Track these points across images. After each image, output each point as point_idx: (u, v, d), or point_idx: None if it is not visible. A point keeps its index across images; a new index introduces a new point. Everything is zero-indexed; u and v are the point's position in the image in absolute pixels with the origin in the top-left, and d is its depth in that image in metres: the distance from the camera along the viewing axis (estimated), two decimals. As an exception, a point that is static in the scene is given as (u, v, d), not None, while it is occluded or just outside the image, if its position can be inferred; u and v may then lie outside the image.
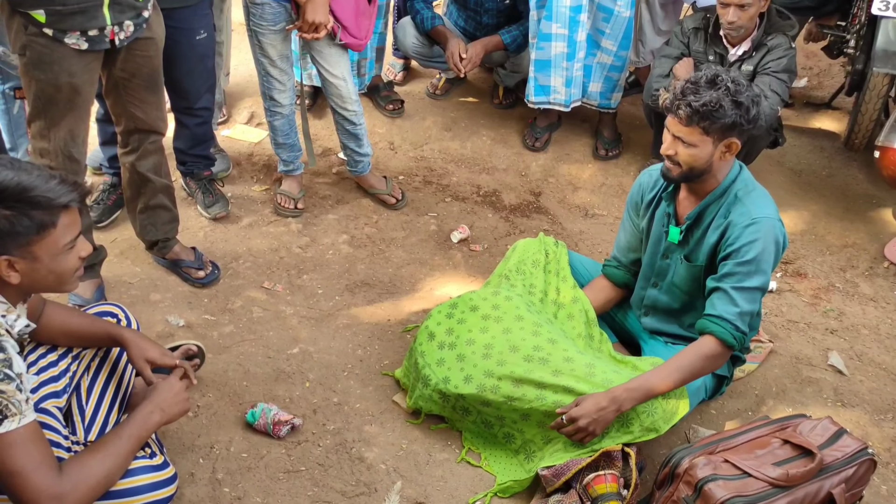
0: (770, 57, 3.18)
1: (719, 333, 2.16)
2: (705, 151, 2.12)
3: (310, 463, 2.29)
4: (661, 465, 2.11)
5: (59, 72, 2.26)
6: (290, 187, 3.31)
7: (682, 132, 2.12)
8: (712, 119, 2.07)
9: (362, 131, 3.27)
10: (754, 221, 2.15)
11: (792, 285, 3.19)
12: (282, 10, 2.87)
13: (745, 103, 2.07)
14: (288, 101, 3.11)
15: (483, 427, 2.34)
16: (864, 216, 3.60)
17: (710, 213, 2.25)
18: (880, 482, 2.40)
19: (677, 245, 2.33)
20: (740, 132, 2.12)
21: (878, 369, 2.83)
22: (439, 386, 2.29)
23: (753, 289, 2.17)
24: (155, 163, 2.67)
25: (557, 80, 3.60)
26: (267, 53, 2.97)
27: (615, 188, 3.70)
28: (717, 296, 2.19)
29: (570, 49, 3.52)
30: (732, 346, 2.17)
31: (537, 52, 3.56)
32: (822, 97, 4.44)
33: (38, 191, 1.62)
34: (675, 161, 2.17)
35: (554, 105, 3.69)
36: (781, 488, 1.93)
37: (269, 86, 3.06)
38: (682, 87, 2.10)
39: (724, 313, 2.16)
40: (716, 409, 2.60)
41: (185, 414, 1.99)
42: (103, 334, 2.02)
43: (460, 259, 3.19)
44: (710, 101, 2.05)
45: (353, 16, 2.94)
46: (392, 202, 3.40)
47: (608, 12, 3.48)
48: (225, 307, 2.82)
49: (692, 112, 2.07)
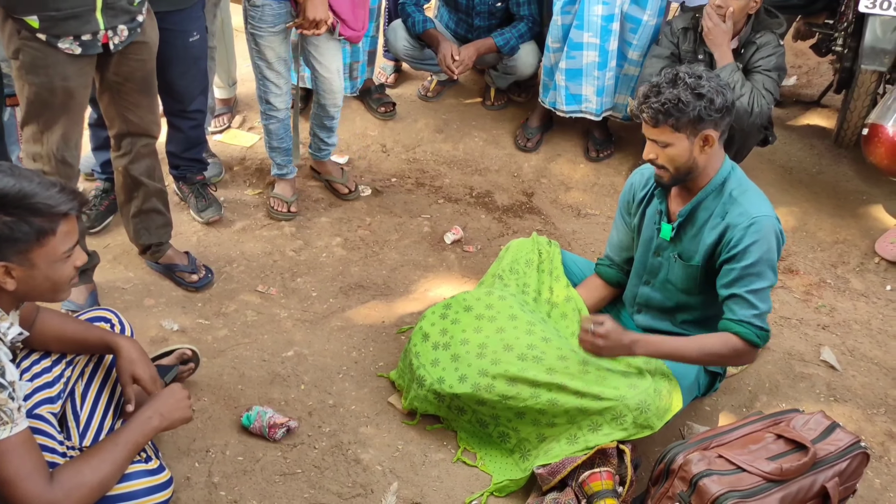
0: (759, 55, 3.19)
1: (744, 335, 2.18)
2: (682, 148, 2.14)
3: (306, 465, 2.29)
4: (656, 462, 2.12)
5: (53, 76, 2.26)
6: (283, 190, 3.31)
7: (653, 134, 2.15)
8: (676, 115, 2.09)
9: (336, 125, 3.35)
10: (754, 221, 2.16)
11: (784, 282, 3.21)
12: (282, 11, 2.89)
13: (708, 94, 2.09)
14: (284, 106, 3.12)
15: (478, 426, 2.35)
16: (854, 212, 3.63)
17: (705, 210, 2.26)
18: (873, 475, 2.41)
19: (669, 242, 2.34)
20: (714, 123, 2.13)
21: (870, 364, 2.84)
22: (434, 386, 2.29)
23: (766, 288, 2.20)
24: (148, 166, 2.67)
25: (589, 88, 3.60)
26: (264, 56, 2.98)
27: (607, 188, 3.71)
28: (734, 301, 2.21)
29: (601, 58, 3.52)
30: (758, 345, 2.20)
31: (567, 62, 3.56)
32: (812, 95, 4.47)
33: (39, 198, 1.62)
34: (660, 165, 2.19)
35: (586, 114, 3.69)
36: (775, 482, 1.95)
37: (266, 89, 3.07)
38: (645, 90, 2.13)
39: (744, 317, 2.19)
40: (710, 406, 2.61)
41: (185, 422, 1.99)
42: (97, 341, 2.02)
43: (454, 260, 3.19)
44: (670, 98, 2.08)
45: (350, 8, 2.98)
46: (344, 192, 3.44)
47: (636, 22, 3.47)
48: (219, 311, 2.82)
49: (655, 112, 2.10)
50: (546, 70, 3.73)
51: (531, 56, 3.79)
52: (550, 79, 3.70)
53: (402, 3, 3.75)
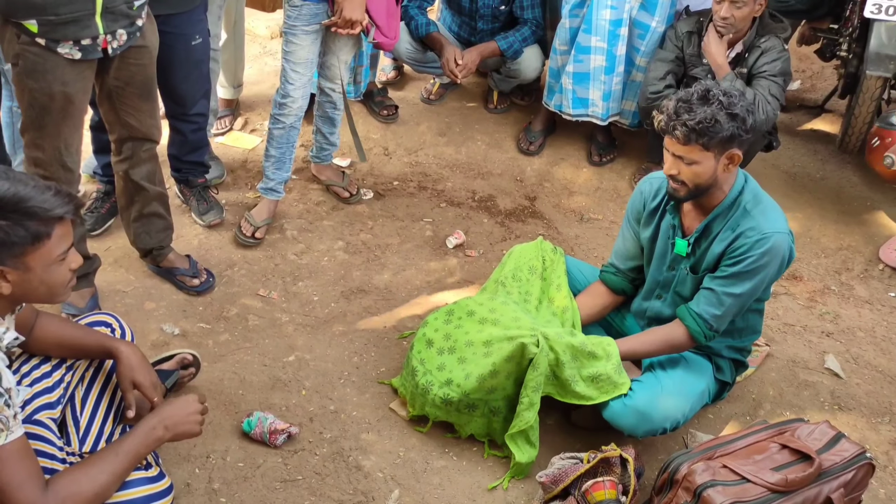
0: (764, 59, 3.18)
1: (692, 329, 2.26)
2: (708, 167, 2.12)
3: (307, 472, 2.27)
4: (660, 471, 2.10)
5: (53, 81, 2.25)
6: (258, 213, 3.17)
7: (681, 151, 2.12)
8: (710, 135, 2.06)
9: (339, 117, 3.31)
10: (764, 237, 2.16)
11: (787, 288, 3.19)
12: (319, 11, 2.88)
13: (741, 114, 2.07)
14: (293, 113, 3.06)
15: (491, 416, 2.33)
16: (858, 218, 3.61)
17: (718, 225, 2.25)
18: (878, 486, 2.40)
19: (684, 257, 2.33)
20: (740, 143, 2.12)
21: (875, 372, 2.83)
22: (443, 390, 2.29)
23: (740, 295, 2.21)
24: (149, 171, 2.66)
25: (596, 93, 3.59)
26: (292, 55, 2.96)
27: (610, 192, 3.70)
28: (704, 294, 2.25)
29: (608, 63, 3.51)
30: (700, 343, 2.29)
31: (575, 65, 3.55)
32: (816, 100, 4.45)
33: (34, 201, 1.61)
34: (680, 181, 2.17)
35: (592, 118, 3.68)
36: (780, 493, 1.93)
37: (284, 91, 3.03)
38: (675, 106, 2.10)
39: (704, 312, 2.24)
40: (713, 414, 2.60)
41: (192, 436, 1.92)
42: (97, 346, 2.01)
43: (456, 265, 3.18)
44: (705, 117, 2.05)
45: (385, 16, 2.98)
46: (346, 196, 3.42)
47: (644, 28, 3.45)
48: (220, 315, 2.81)
49: (689, 131, 2.06)
50: (552, 72, 3.71)
51: (535, 60, 3.77)
52: (557, 81, 3.68)
53: (405, 6, 3.74)
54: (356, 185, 3.49)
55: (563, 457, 2.25)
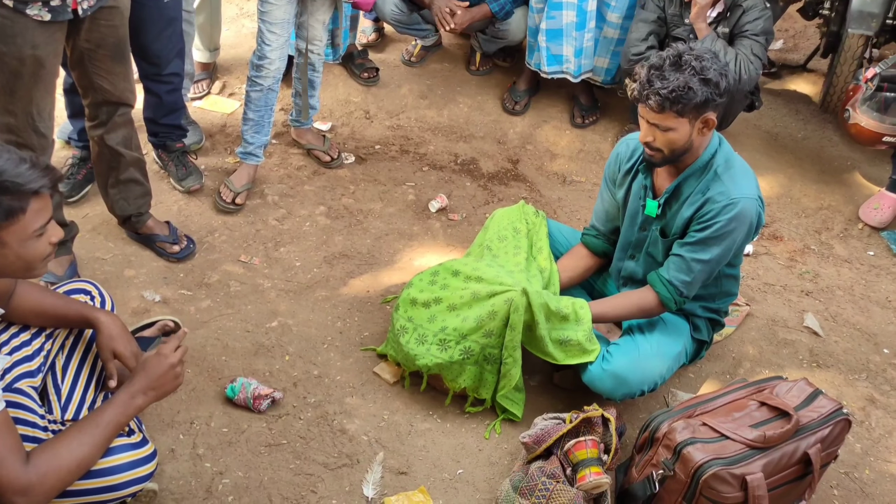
0: (746, 18, 3.16)
1: (663, 296, 2.28)
2: (683, 133, 2.11)
3: (291, 436, 2.28)
4: (641, 430, 2.13)
5: (22, 44, 2.19)
6: (238, 178, 3.14)
7: (656, 119, 2.11)
8: (684, 102, 2.05)
9: (319, 80, 3.29)
10: (732, 202, 2.16)
11: (768, 248, 3.22)
12: None
13: (714, 79, 2.05)
14: (271, 75, 3.02)
15: (485, 364, 2.34)
16: (838, 178, 3.63)
17: (689, 187, 2.24)
18: (854, 440, 2.45)
19: (654, 218, 2.33)
20: (714, 107, 2.11)
21: (853, 329, 2.87)
22: (438, 337, 2.29)
23: (709, 261, 2.22)
24: (125, 136, 2.61)
25: (568, 49, 3.57)
26: (268, 16, 2.92)
27: (593, 154, 3.69)
28: (674, 260, 2.27)
29: (579, 18, 3.49)
30: (670, 309, 2.31)
31: (548, 22, 3.52)
32: (798, 59, 4.44)
33: (7, 175, 1.57)
34: (655, 147, 2.16)
35: (566, 74, 3.65)
36: (759, 449, 1.96)
37: (261, 53, 2.99)
38: (647, 74, 2.07)
39: (674, 279, 2.26)
40: (693, 373, 2.63)
41: (176, 389, 1.87)
42: (77, 316, 1.99)
43: (439, 228, 3.17)
44: (678, 85, 2.03)
45: None
46: (327, 159, 3.39)
47: None
48: (201, 281, 2.79)
49: (662, 99, 2.05)
50: (531, 31, 3.68)
51: (523, 21, 3.73)
52: (535, 40, 3.65)
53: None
54: (337, 149, 3.45)
55: (546, 417, 2.27)
